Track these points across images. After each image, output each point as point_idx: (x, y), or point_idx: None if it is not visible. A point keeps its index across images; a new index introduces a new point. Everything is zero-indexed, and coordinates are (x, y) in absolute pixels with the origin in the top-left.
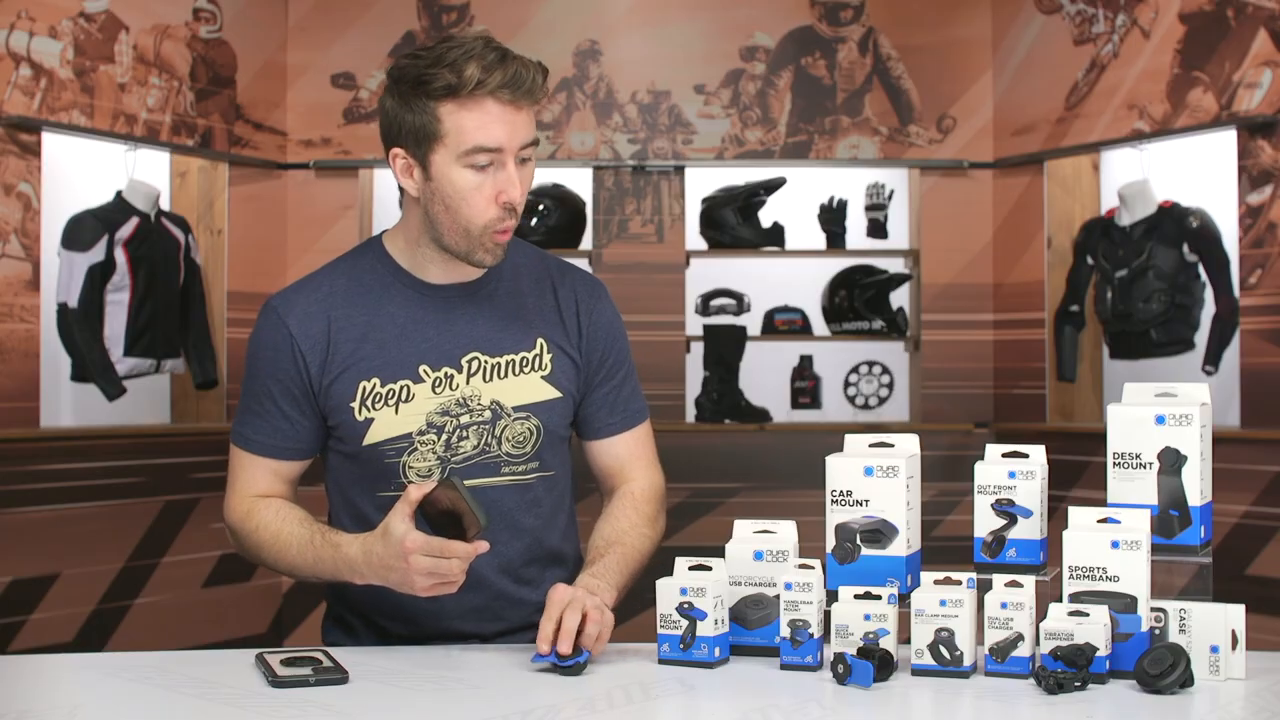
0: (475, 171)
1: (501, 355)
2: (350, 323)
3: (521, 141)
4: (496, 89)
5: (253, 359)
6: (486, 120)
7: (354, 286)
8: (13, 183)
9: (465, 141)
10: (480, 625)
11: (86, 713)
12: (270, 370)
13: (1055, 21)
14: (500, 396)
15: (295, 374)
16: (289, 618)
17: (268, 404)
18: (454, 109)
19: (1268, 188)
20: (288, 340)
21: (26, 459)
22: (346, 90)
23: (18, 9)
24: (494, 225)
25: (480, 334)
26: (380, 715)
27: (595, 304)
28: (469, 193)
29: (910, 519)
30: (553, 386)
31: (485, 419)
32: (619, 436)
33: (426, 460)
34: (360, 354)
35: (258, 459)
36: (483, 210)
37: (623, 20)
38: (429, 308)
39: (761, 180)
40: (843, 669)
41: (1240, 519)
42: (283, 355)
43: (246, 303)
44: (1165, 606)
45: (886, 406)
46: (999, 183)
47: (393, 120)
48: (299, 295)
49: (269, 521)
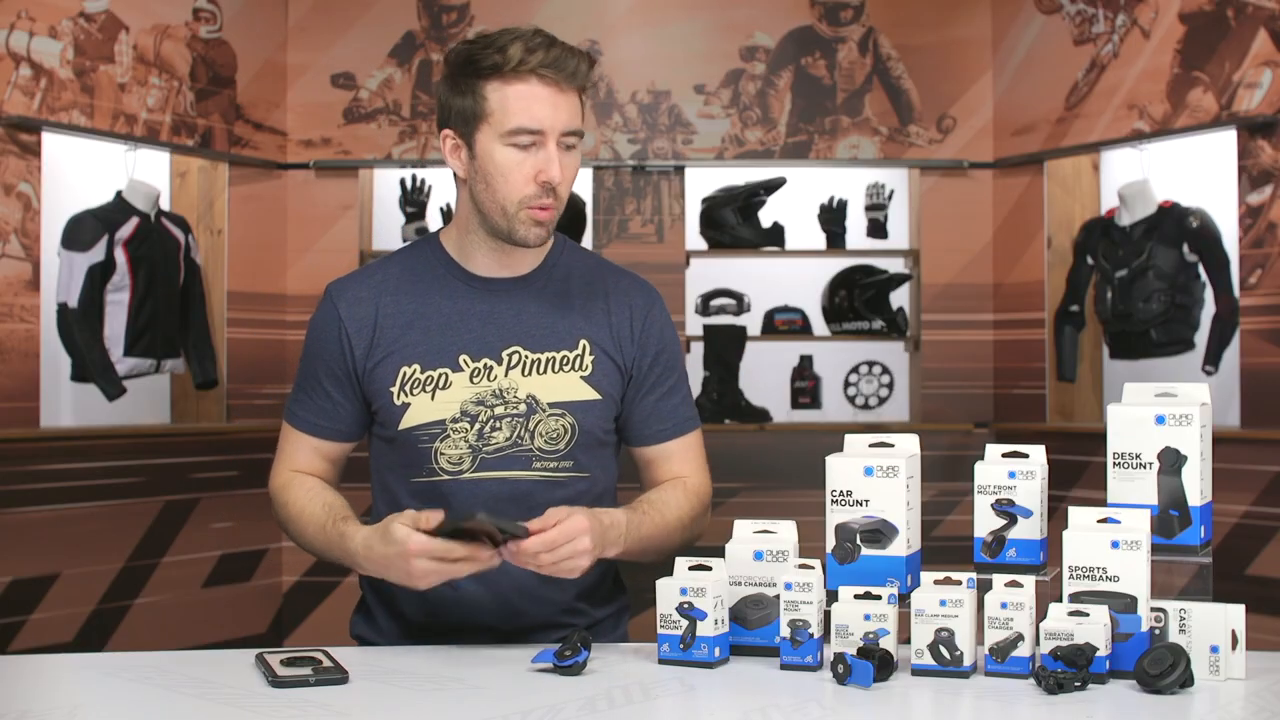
0: (518, 150)
1: (543, 352)
2: (398, 309)
3: (564, 125)
4: (539, 67)
5: (308, 341)
6: (529, 99)
7: (406, 275)
8: (13, 183)
9: (509, 121)
10: (501, 620)
11: (86, 713)
12: (319, 351)
13: (1055, 21)
14: (537, 391)
15: (340, 356)
16: (289, 618)
17: (314, 384)
18: (499, 86)
19: (1268, 188)
20: (336, 323)
21: (26, 459)
22: (346, 90)
23: (18, 9)
24: (530, 201)
25: (524, 329)
26: (380, 715)
27: (649, 310)
28: (509, 170)
29: (910, 519)
30: (592, 388)
31: (520, 412)
32: (669, 443)
33: (458, 448)
34: (405, 340)
35: (302, 435)
36: (520, 186)
37: (623, 20)
38: (475, 299)
39: (761, 180)
40: (843, 669)
41: (1240, 519)
42: (330, 337)
43: (246, 303)
44: (1165, 606)
45: (886, 406)
46: (999, 183)
47: (444, 102)
48: (354, 281)
49: (297, 498)
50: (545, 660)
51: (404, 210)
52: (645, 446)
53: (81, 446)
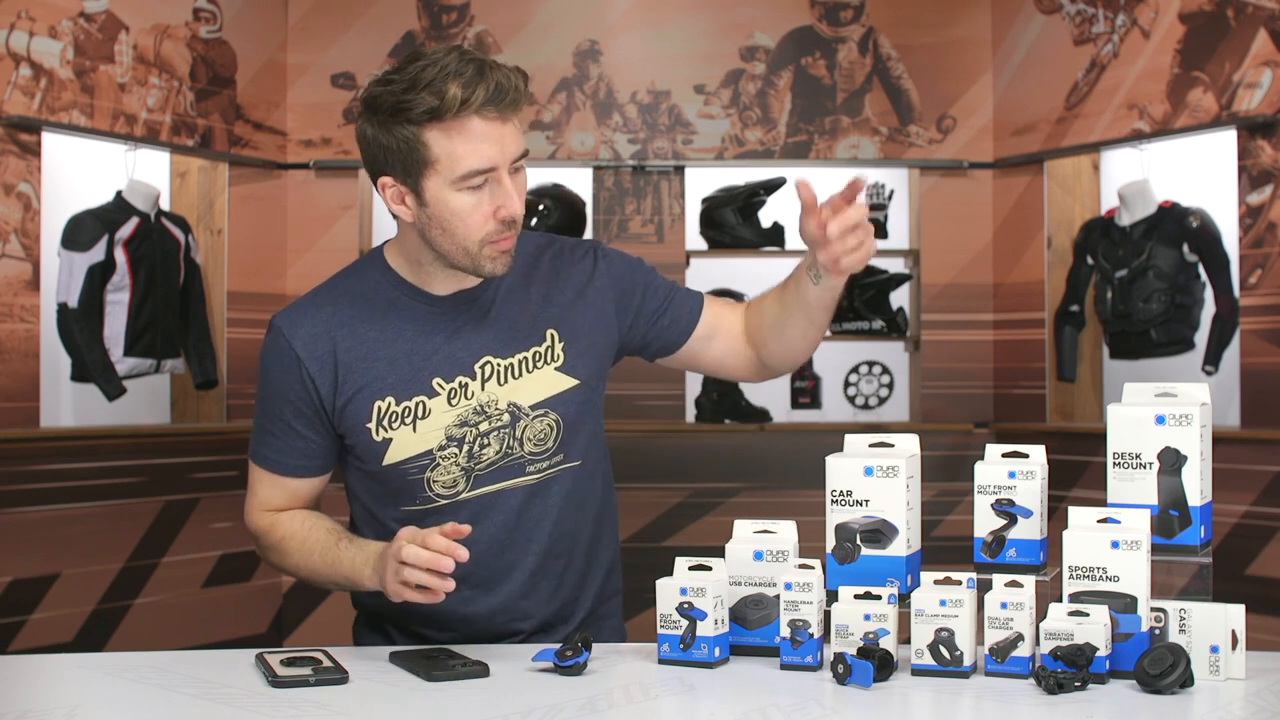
0: (471, 192)
1: (513, 355)
2: (357, 341)
3: (513, 156)
4: (481, 107)
5: (263, 379)
6: (476, 141)
7: (358, 303)
8: (13, 183)
9: (459, 167)
10: (511, 623)
11: (86, 713)
12: (280, 391)
13: (1055, 21)
14: (516, 397)
15: (305, 395)
16: (289, 618)
17: (280, 424)
18: (440, 134)
19: (1268, 188)
20: (295, 363)
21: (26, 459)
22: (346, 90)
23: (18, 9)
24: (492, 237)
25: (489, 337)
26: (380, 715)
27: (599, 263)
28: (467, 214)
29: (910, 519)
30: (568, 375)
31: (504, 422)
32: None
33: (450, 473)
34: (372, 373)
35: (275, 476)
36: (480, 226)
37: (623, 20)
38: (436, 319)
39: (761, 180)
40: (843, 669)
41: (1240, 519)
42: (290, 376)
43: (246, 303)
44: (1165, 606)
45: (886, 406)
46: (999, 183)
47: (376, 149)
48: (303, 315)
49: (295, 530)
50: (545, 660)
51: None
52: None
53: (81, 446)
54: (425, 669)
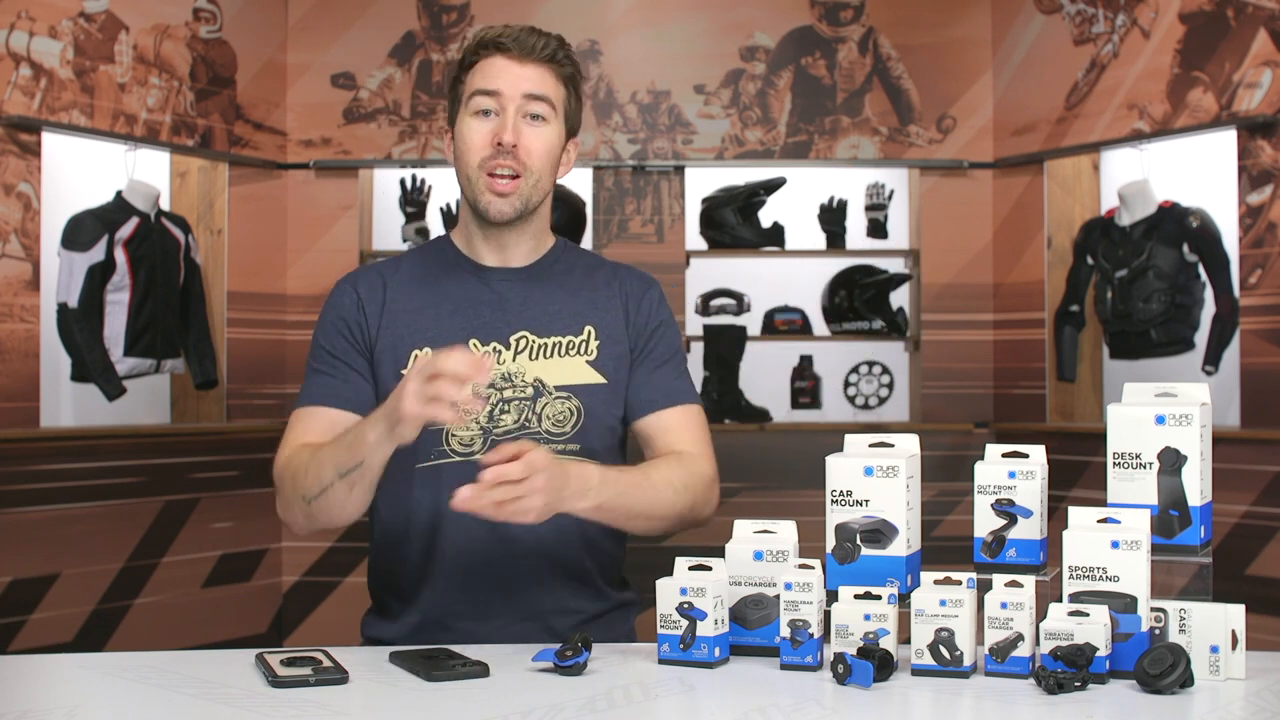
0: (479, 119)
1: (549, 337)
2: (409, 295)
3: (523, 90)
4: (499, 39)
5: (320, 325)
6: (488, 67)
7: (418, 266)
8: (13, 183)
9: (470, 91)
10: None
11: (86, 713)
12: (335, 324)
13: (1055, 21)
14: (543, 375)
15: (361, 325)
16: (289, 618)
17: (331, 360)
18: (474, 71)
19: (1268, 188)
20: (352, 294)
21: (26, 459)
22: (346, 90)
23: (18, 9)
24: (487, 164)
25: (531, 315)
26: (380, 715)
27: (645, 293)
28: (470, 136)
29: (910, 519)
30: (597, 372)
31: (527, 395)
32: (664, 413)
33: (470, 429)
34: (417, 325)
35: (316, 409)
36: (479, 150)
37: (623, 20)
38: (484, 287)
39: (761, 180)
40: (843, 669)
41: (1240, 519)
42: (348, 302)
43: (246, 303)
44: (1165, 606)
45: (886, 406)
46: (999, 183)
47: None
48: (366, 270)
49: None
50: (545, 660)
51: (404, 210)
52: (641, 418)
53: (81, 446)
54: (425, 669)
